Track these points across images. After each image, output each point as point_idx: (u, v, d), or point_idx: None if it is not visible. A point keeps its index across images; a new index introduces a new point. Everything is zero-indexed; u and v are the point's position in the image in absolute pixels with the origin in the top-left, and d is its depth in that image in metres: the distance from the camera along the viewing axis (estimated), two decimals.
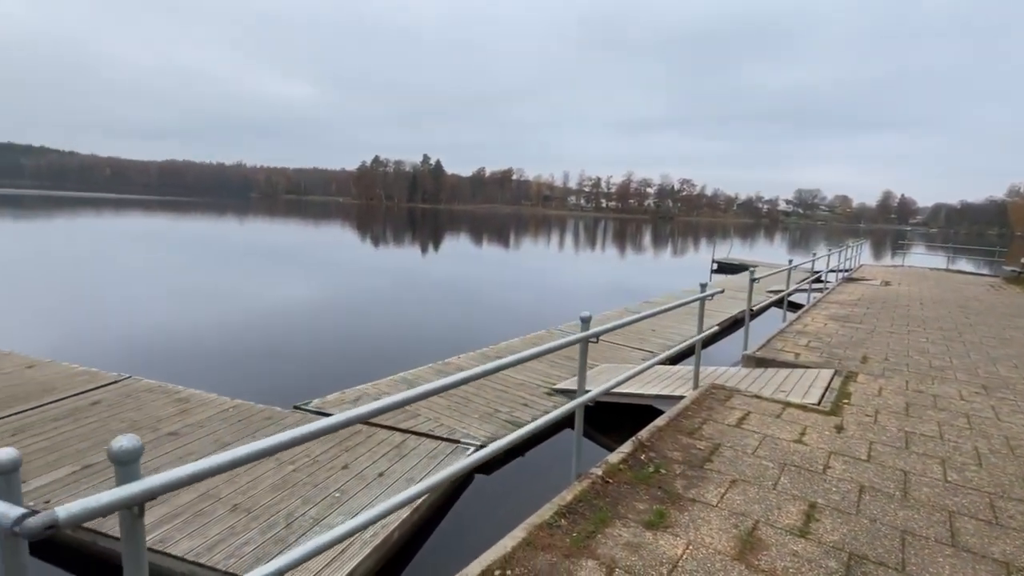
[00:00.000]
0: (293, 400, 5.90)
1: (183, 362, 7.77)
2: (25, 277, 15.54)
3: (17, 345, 7.14)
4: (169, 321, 10.53)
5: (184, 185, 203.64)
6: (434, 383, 2.28)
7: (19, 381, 5.86)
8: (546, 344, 3.00)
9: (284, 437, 1.65)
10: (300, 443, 1.70)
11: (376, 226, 55.25)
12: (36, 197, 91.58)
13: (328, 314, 12.15)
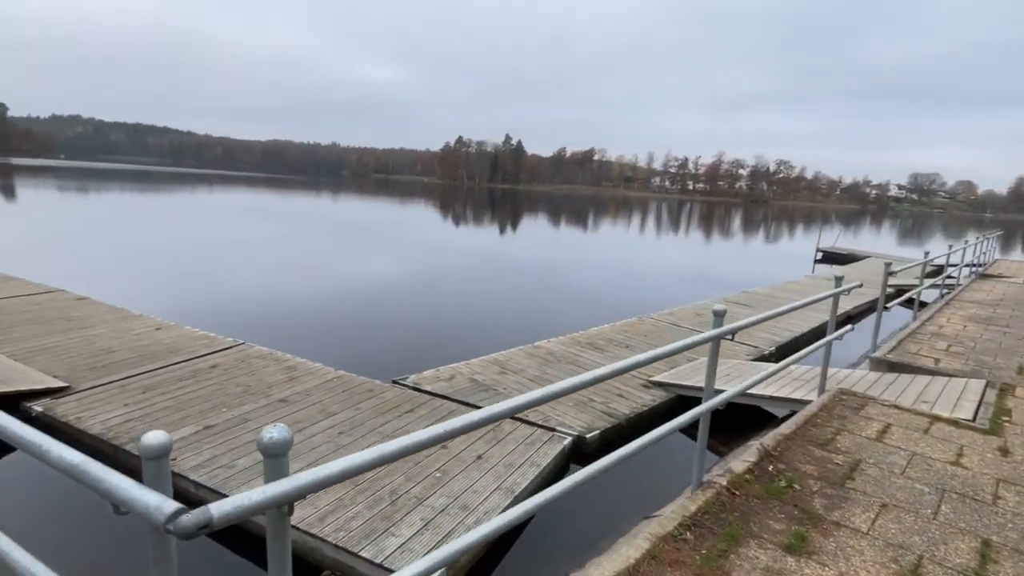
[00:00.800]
0: (389, 374, 5.98)
1: (288, 331, 8.17)
2: (152, 247, 17.19)
3: (146, 308, 7.81)
4: (275, 292, 11.20)
5: (284, 163, 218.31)
6: (568, 381, 2.08)
7: (149, 342, 6.38)
8: (674, 344, 2.70)
9: (439, 430, 1.52)
10: (455, 436, 1.57)
11: (457, 206, 56.21)
12: (159, 173, 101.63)
13: (416, 290, 12.41)
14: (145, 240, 18.32)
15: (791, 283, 14.08)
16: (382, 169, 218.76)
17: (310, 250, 18.39)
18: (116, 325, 6.86)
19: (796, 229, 49.40)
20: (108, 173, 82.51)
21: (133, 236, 19.20)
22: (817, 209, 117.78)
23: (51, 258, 13.59)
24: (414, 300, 11.34)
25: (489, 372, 6.24)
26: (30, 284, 8.61)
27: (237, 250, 17.18)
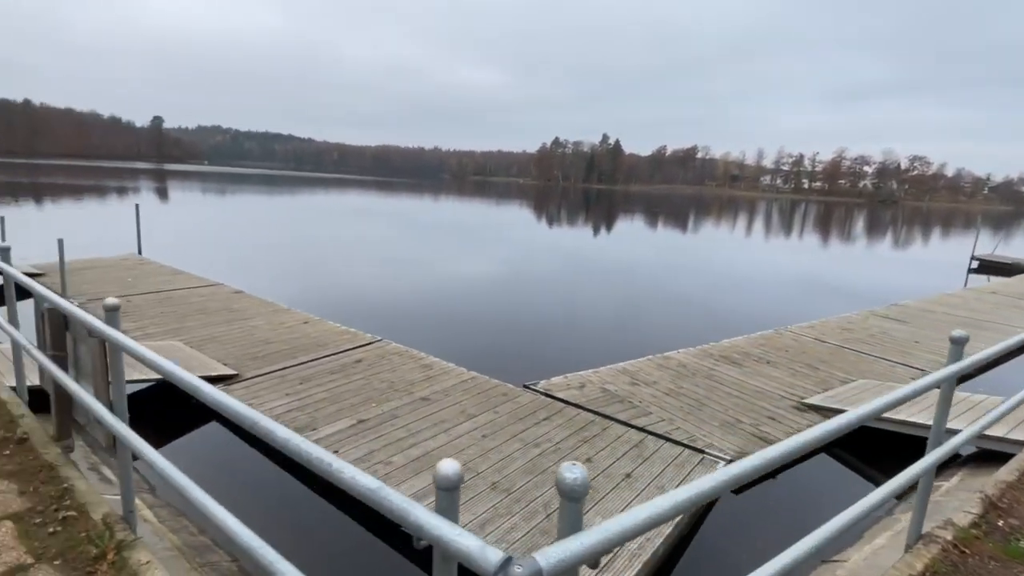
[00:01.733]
0: (515, 376, 5.95)
1: (415, 329, 8.47)
2: (284, 244, 18.79)
3: (287, 301, 8.45)
4: (400, 290, 11.74)
5: (391, 167, 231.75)
6: (829, 424, 1.78)
7: (299, 335, 6.87)
8: (913, 384, 2.29)
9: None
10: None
11: (556, 207, 56.11)
12: (283, 176, 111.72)
13: (530, 293, 12.42)
14: (278, 237, 20.10)
15: (948, 295, 12.37)
16: (480, 171, 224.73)
17: (424, 250, 19.17)
18: (269, 318, 7.48)
19: (935, 233, 43.76)
20: (242, 177, 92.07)
21: (267, 233, 21.15)
22: (959, 211, 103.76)
23: (202, 253, 15.28)
24: (530, 302, 11.35)
25: (620, 383, 6.00)
26: (195, 277, 9.69)
27: (356, 248, 18.32)
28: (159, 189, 48.43)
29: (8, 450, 2.87)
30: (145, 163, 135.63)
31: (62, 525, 2.32)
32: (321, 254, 16.76)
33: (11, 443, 2.94)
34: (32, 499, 2.47)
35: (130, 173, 79.46)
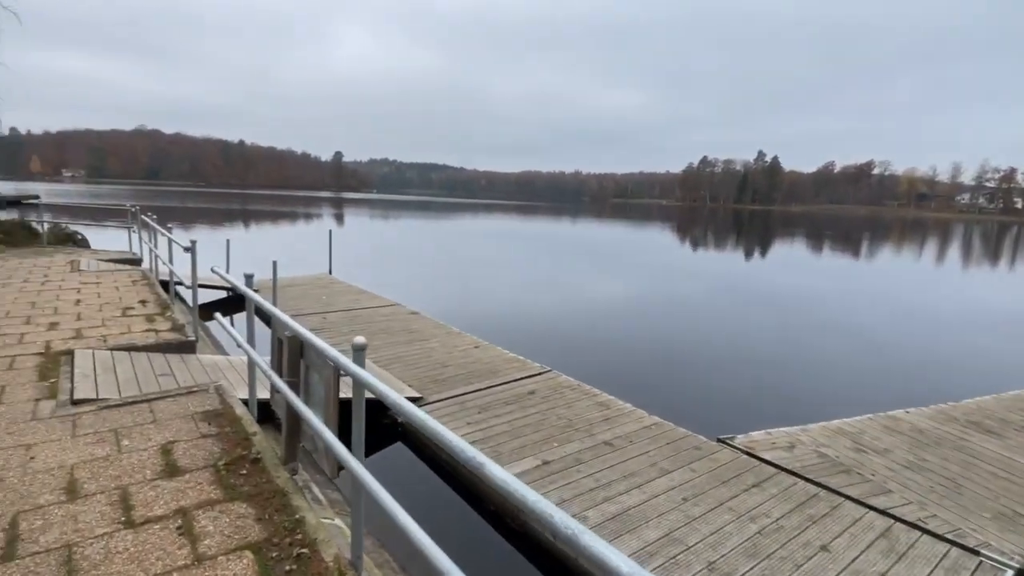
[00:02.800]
0: (703, 426, 5.26)
1: (584, 360, 8.13)
2: (444, 267, 19.85)
3: (454, 321, 8.65)
4: (560, 316, 11.57)
5: (533, 191, 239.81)
6: None
7: (472, 360, 6.90)
8: None
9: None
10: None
11: (706, 229, 52.79)
12: (437, 203, 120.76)
13: (699, 325, 11.44)
14: (435, 258, 21.39)
15: None
16: (620, 193, 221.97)
17: (572, 273, 18.99)
18: (443, 340, 7.67)
19: None
20: (403, 203, 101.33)
21: (425, 255, 22.66)
22: None
23: (373, 272, 16.68)
24: (700, 336, 10.41)
25: (839, 446, 5.01)
26: (376, 297, 10.45)
27: (507, 270, 18.72)
28: (336, 215, 55.11)
29: (245, 469, 3.03)
30: (327, 192, 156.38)
31: (296, 563, 2.29)
32: (474, 274, 17.39)
33: (246, 462, 3.10)
34: (268, 528, 2.51)
35: (315, 201, 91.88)
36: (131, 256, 11.08)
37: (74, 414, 3.60)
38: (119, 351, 5.00)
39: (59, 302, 6.63)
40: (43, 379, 4.18)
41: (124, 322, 5.91)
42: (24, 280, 7.89)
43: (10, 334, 5.25)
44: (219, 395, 4.09)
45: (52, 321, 5.78)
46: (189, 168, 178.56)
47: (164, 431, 3.44)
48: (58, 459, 3.01)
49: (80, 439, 3.26)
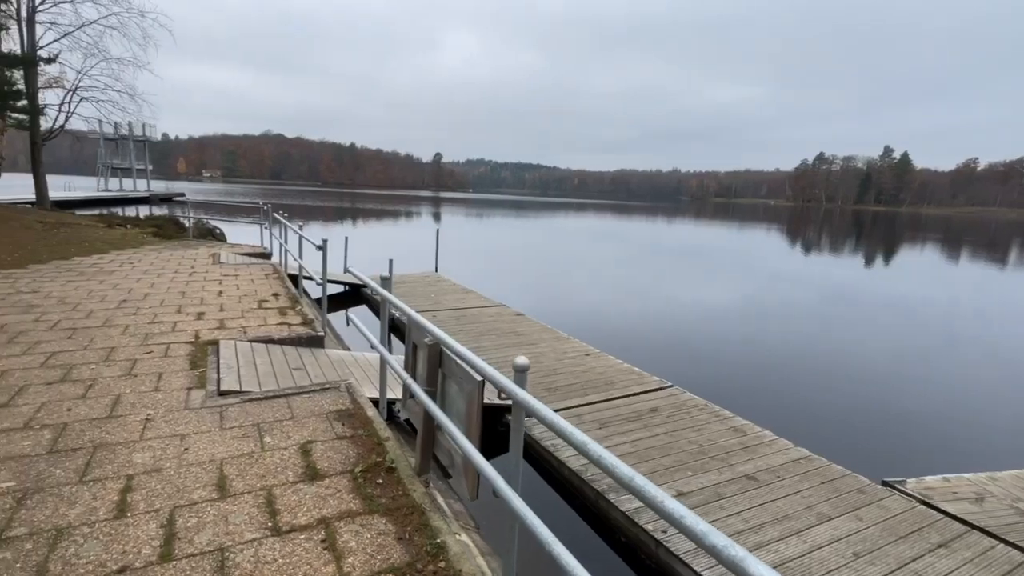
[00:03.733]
0: (864, 465, 4.52)
1: (702, 372, 7.52)
2: (541, 265, 19.66)
3: (557, 323, 8.34)
4: (672, 322, 10.92)
5: (628, 190, 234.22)
6: None
7: (584, 368, 6.57)
8: None
9: None
10: None
11: (826, 231, 48.25)
12: (530, 202, 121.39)
13: (837, 338, 10.27)
14: (533, 257, 21.27)
15: None
16: (723, 193, 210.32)
17: (677, 276, 18.02)
18: (552, 346, 7.41)
19: None
20: (497, 202, 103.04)
21: (523, 253, 22.62)
22: None
23: (475, 272, 16.84)
24: (840, 351, 9.30)
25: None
26: (481, 296, 10.44)
27: (604, 271, 18.14)
28: (435, 214, 57.11)
29: (380, 478, 2.94)
30: (426, 191, 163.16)
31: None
32: (572, 275, 17.01)
33: (381, 470, 3.01)
34: (410, 550, 2.36)
35: (416, 200, 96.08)
36: (262, 250, 11.98)
37: (221, 406, 3.74)
38: (257, 343, 5.25)
39: (204, 292, 7.20)
40: (194, 367, 4.44)
41: (260, 314, 6.26)
42: (175, 271, 8.71)
43: (165, 322, 5.71)
44: (350, 394, 4.10)
45: (199, 311, 6.24)
46: (307, 169, 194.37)
47: (302, 429, 3.46)
48: (208, 452, 3.09)
49: (227, 432, 3.36)
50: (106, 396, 3.77)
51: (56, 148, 22.71)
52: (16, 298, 6.39)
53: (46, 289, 6.94)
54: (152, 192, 41.27)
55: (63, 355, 4.54)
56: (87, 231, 13.37)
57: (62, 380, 4.01)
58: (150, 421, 3.43)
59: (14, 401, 3.60)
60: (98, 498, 2.59)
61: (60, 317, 5.68)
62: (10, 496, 2.55)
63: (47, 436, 3.15)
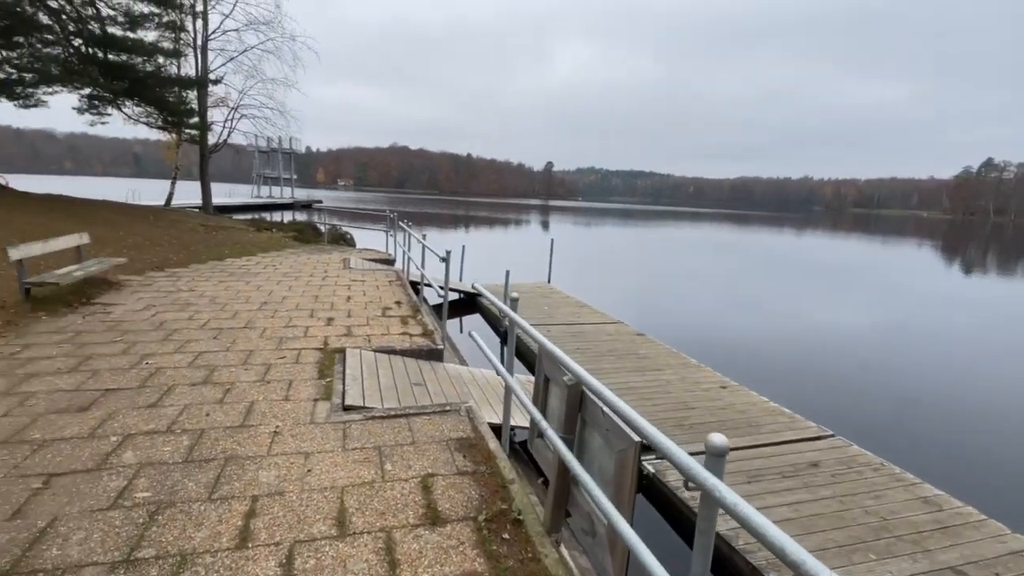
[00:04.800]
0: None
1: (873, 426, 6.36)
2: (666, 284, 18.58)
3: (684, 347, 7.53)
4: (821, 358, 9.60)
5: (750, 199, 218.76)
6: None
7: (722, 404, 5.79)
8: None
9: None
10: None
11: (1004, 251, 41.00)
12: (640, 211, 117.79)
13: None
14: (652, 271, 20.20)
15: None
16: (863, 203, 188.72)
17: (825, 299, 16.04)
18: (680, 373, 6.69)
19: None
20: (606, 211, 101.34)
21: (642, 266, 21.60)
22: None
23: (587, 284, 16.27)
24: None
25: None
26: (597, 312, 9.90)
27: (731, 288, 16.62)
28: (543, 222, 57.29)
29: (506, 532, 2.58)
30: (536, 200, 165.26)
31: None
32: (694, 292, 15.78)
33: (507, 521, 2.65)
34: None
35: (526, 208, 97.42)
36: (387, 257, 12.47)
37: (344, 422, 3.63)
38: (380, 353, 5.21)
39: (335, 298, 7.47)
40: (321, 376, 4.45)
41: (384, 322, 6.30)
42: (310, 275, 9.23)
43: (298, 326, 5.92)
44: (470, 419, 3.83)
45: (329, 316, 6.43)
46: (427, 179, 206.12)
47: (422, 458, 3.22)
48: (330, 476, 2.94)
49: (349, 454, 3.21)
50: (241, 402, 3.83)
51: (220, 159, 25.91)
52: (176, 296, 7.04)
53: (201, 288, 7.62)
54: (295, 199, 45.83)
55: (208, 356, 4.79)
56: (240, 234, 14.87)
57: (204, 382, 4.18)
58: (278, 434, 3.39)
59: (162, 401, 3.77)
60: (223, 520, 2.50)
61: (209, 317, 6.11)
62: (145, 509, 2.55)
63: (185, 443, 3.20)
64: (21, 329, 5.25)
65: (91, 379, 4.09)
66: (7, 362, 4.34)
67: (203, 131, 22.12)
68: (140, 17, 16.02)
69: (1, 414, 3.43)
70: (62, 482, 2.72)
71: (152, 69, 16.47)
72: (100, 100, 16.58)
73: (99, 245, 9.57)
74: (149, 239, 11.77)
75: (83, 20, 15.15)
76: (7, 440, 3.10)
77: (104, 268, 7.16)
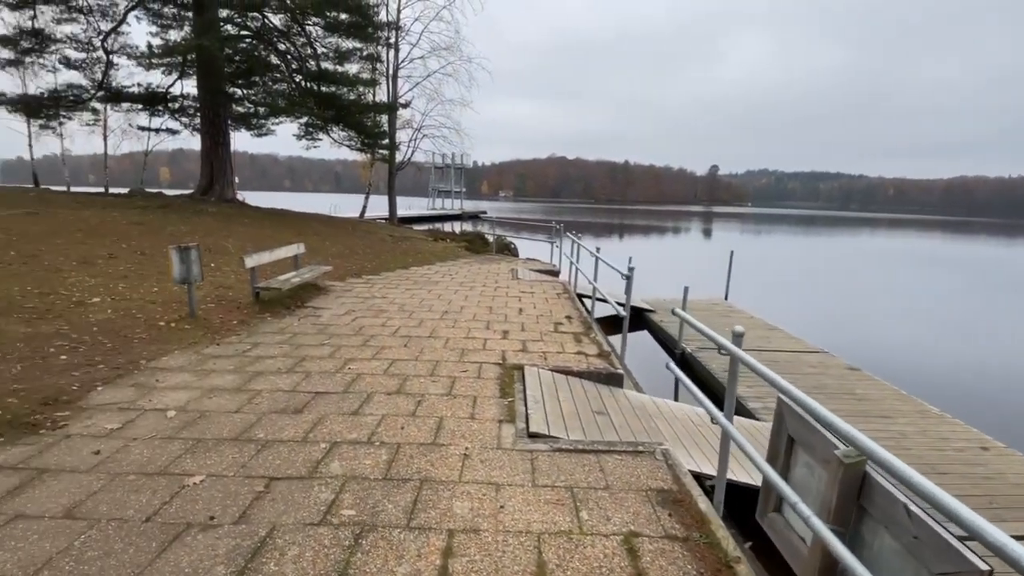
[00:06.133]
0: None
1: None
2: (872, 307, 15.88)
3: (918, 391, 6.03)
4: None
5: (971, 203, 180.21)
6: None
7: (988, 472, 4.45)
8: None
9: None
10: None
11: None
12: (822, 216, 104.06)
13: None
14: (850, 289, 17.38)
15: None
16: None
17: None
18: (918, 424, 5.37)
19: None
20: (779, 217, 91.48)
21: (834, 282, 18.73)
22: None
23: (768, 301, 14.43)
24: None
25: None
26: (792, 338, 8.61)
27: (960, 313, 13.44)
28: (704, 230, 53.52)
29: None
30: (698, 206, 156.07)
31: None
32: (905, 315, 13.07)
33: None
34: None
35: (684, 215, 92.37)
36: (551, 267, 12.43)
37: (531, 451, 3.40)
38: (558, 374, 4.96)
39: (507, 309, 7.48)
40: (503, 395, 4.32)
41: (557, 339, 6.08)
42: (483, 284, 9.48)
43: (477, 338, 5.96)
44: (668, 466, 3.34)
45: (504, 329, 6.40)
46: (583, 187, 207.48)
47: (620, 509, 2.83)
48: (524, 518, 2.69)
49: (540, 492, 2.94)
50: (431, 417, 3.83)
51: (403, 176, 28.71)
52: (371, 302, 7.65)
53: (391, 295, 8.20)
54: (464, 210, 49.12)
55: (400, 364, 4.98)
56: (420, 244, 16.10)
57: (398, 392, 4.30)
58: (467, 458, 3.27)
59: (363, 409, 3.93)
60: (422, 556, 2.37)
61: (400, 324, 6.47)
62: (350, 529, 2.53)
63: (384, 457, 3.22)
64: (252, 328, 6.04)
65: (304, 381, 4.46)
66: (241, 359, 4.96)
67: (392, 151, 24.65)
68: (347, 52, 18.33)
69: (235, 410, 3.84)
70: (280, 488, 2.86)
71: (354, 98, 18.72)
72: (313, 127, 19.32)
73: (310, 253, 10.95)
74: (349, 248, 13.24)
75: (303, 59, 17.80)
76: (238, 437, 3.42)
77: (316, 275, 8.08)
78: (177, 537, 2.42)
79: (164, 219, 12.37)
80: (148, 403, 3.88)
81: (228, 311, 6.51)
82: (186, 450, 3.22)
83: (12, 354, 4.49)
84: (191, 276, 5.94)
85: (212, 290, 7.35)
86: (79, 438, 3.31)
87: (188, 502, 2.69)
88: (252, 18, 16.77)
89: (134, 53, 18.05)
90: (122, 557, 2.27)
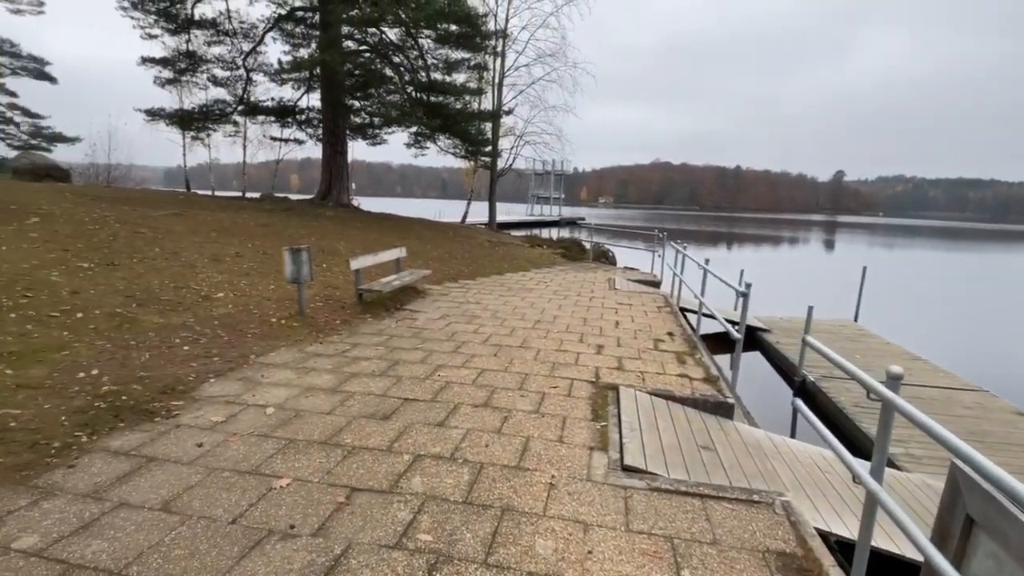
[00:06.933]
0: None
1: None
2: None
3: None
4: None
5: None
6: None
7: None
8: None
9: None
10: None
11: None
12: (970, 229, 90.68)
13: None
14: (1004, 314, 14.77)
15: None
16: None
17: None
18: None
19: None
20: (915, 229, 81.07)
21: (985, 306, 16.03)
22: None
23: (901, 324, 12.60)
24: None
25: None
26: (945, 372, 7.35)
27: None
28: (826, 241, 48.64)
29: None
30: (819, 215, 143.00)
31: None
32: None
33: None
34: None
35: (804, 224, 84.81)
36: (652, 278, 11.79)
37: (625, 488, 3.05)
38: (657, 398, 4.53)
39: (602, 322, 7.11)
40: (595, 418, 3.99)
41: (657, 358, 5.61)
42: (578, 294, 9.16)
43: (569, 351, 5.67)
44: (790, 522, 2.83)
45: (599, 343, 6.05)
46: (688, 193, 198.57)
47: (731, 572, 2.40)
48: (616, 569, 2.37)
49: (635, 539, 2.59)
50: (517, 436, 3.61)
51: (503, 182, 29.09)
52: (465, 308, 7.64)
53: (485, 301, 8.16)
54: (562, 216, 48.93)
55: (489, 374, 4.83)
56: (516, 250, 16.10)
57: (485, 404, 4.13)
58: (554, 488, 3.00)
59: (448, 421, 3.80)
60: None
61: (491, 331, 6.35)
62: (424, 558, 2.36)
63: (466, 478, 3.05)
64: (353, 328, 6.23)
65: (395, 386, 4.44)
66: (340, 359, 5.09)
67: (494, 158, 25.06)
68: (455, 62, 18.89)
69: (327, 411, 3.88)
70: (360, 500, 2.78)
71: (460, 107, 19.24)
72: (423, 136, 20.13)
73: (412, 257, 11.29)
74: (448, 252, 13.54)
75: (415, 70, 18.60)
76: (327, 441, 3.42)
77: (415, 279, 8.25)
78: (257, 544, 2.39)
79: (286, 221, 13.42)
80: (251, 398, 4.04)
81: (333, 311, 6.79)
82: (278, 450, 3.27)
83: (144, 343, 4.95)
84: (301, 276, 6.25)
85: (321, 289, 7.74)
86: (187, 429, 3.49)
87: (273, 506, 2.69)
88: (371, 33, 17.83)
89: (269, 70, 19.96)
90: (204, 559, 2.28)
